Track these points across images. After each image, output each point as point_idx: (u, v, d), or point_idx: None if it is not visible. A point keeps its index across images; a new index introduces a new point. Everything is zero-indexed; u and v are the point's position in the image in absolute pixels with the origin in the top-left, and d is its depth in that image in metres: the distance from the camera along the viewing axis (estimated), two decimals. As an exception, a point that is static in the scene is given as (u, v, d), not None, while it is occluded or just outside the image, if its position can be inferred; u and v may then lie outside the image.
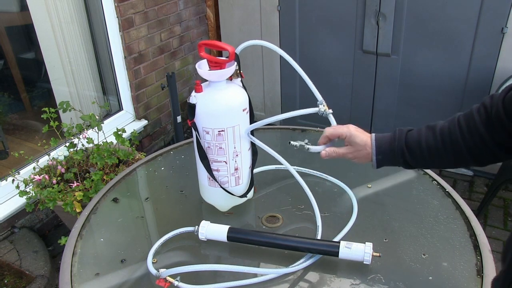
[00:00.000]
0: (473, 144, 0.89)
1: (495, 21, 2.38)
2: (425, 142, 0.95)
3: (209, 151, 1.15)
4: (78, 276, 1.06)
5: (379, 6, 2.63)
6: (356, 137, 1.03)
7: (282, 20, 3.04)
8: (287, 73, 3.19)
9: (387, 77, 2.84)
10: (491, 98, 0.87)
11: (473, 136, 0.88)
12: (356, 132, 1.04)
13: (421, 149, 0.96)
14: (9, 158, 2.66)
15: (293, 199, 1.30)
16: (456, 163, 0.95)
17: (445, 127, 0.94)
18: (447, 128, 0.93)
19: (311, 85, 1.14)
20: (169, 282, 0.98)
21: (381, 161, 1.02)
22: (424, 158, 0.97)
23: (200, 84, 1.10)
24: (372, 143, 1.02)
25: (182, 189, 1.39)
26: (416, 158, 0.97)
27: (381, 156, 1.01)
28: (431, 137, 0.95)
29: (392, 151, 1.00)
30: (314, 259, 1.06)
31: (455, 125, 0.92)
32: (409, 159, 0.98)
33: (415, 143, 0.97)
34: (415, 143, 0.97)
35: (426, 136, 0.95)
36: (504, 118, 0.82)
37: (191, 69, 3.48)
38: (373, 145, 1.02)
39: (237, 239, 1.11)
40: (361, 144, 1.03)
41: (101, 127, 2.20)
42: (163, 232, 1.15)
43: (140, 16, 2.85)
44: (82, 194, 1.98)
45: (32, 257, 2.15)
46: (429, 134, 0.95)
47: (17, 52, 2.96)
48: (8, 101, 2.95)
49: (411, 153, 0.97)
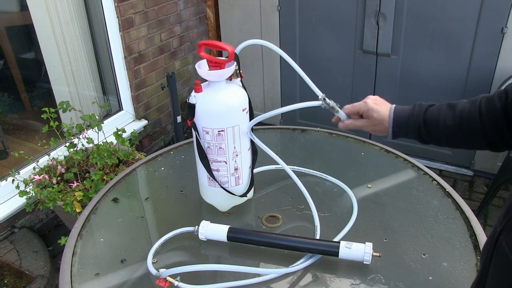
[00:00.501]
0: (490, 129, 0.90)
1: (495, 21, 2.38)
2: (443, 122, 0.96)
3: (209, 151, 1.15)
4: (78, 276, 1.06)
5: (379, 6, 2.63)
6: (373, 111, 1.05)
7: (282, 20, 3.04)
8: (287, 73, 3.19)
9: (387, 77, 2.84)
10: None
11: (492, 122, 0.89)
12: (374, 105, 1.06)
13: (438, 128, 0.97)
14: (9, 158, 2.66)
15: (293, 199, 1.30)
16: (472, 146, 0.97)
17: (465, 109, 0.94)
18: (467, 111, 0.94)
19: (310, 84, 1.13)
20: (169, 282, 0.98)
21: (396, 133, 1.05)
22: (439, 137, 0.98)
23: (200, 84, 1.10)
24: (390, 115, 1.04)
25: (182, 189, 1.39)
26: (431, 135, 0.99)
27: (397, 129, 1.04)
28: (450, 117, 0.96)
29: (407, 127, 1.02)
30: (314, 259, 1.06)
31: (476, 108, 0.93)
32: (424, 135, 1.00)
33: (433, 121, 0.98)
34: (433, 121, 0.98)
35: (445, 115, 0.96)
36: None
37: (191, 69, 3.48)
38: (390, 118, 1.04)
39: (237, 239, 1.11)
40: (378, 119, 1.05)
41: (101, 127, 2.20)
42: (163, 232, 1.15)
43: (140, 16, 2.85)
44: (82, 194, 1.98)
45: (32, 257, 2.14)
46: (449, 114, 0.96)
47: (17, 52, 2.96)
48: (8, 101, 2.95)
49: (427, 130, 0.99)
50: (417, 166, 1.43)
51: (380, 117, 1.05)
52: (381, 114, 1.05)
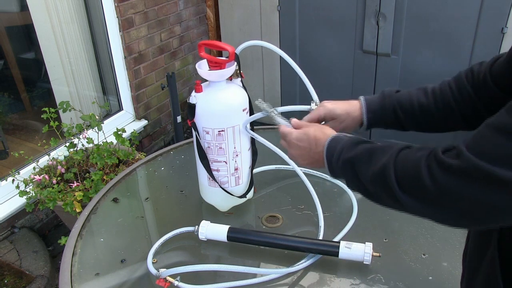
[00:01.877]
0: (464, 105, 0.89)
1: (495, 21, 2.38)
2: (417, 100, 0.94)
3: (209, 151, 1.15)
4: (78, 276, 1.06)
5: (379, 6, 2.63)
6: (334, 109, 1.00)
7: (282, 20, 3.04)
8: (287, 73, 3.19)
9: (387, 77, 2.84)
10: (480, 65, 0.87)
11: (464, 98, 0.88)
12: (333, 105, 1.01)
13: (413, 106, 0.94)
14: (9, 158, 2.66)
15: (293, 199, 1.30)
16: (449, 125, 0.93)
17: (436, 88, 0.93)
18: (439, 89, 0.92)
19: (308, 85, 1.13)
20: (169, 282, 0.98)
21: (371, 120, 0.98)
22: (416, 117, 0.94)
23: (200, 84, 1.10)
24: (362, 102, 0.99)
25: (182, 189, 1.39)
26: (409, 116, 0.95)
27: (371, 115, 0.98)
28: (422, 96, 0.94)
29: (383, 109, 0.97)
30: (314, 259, 1.06)
31: (446, 86, 0.91)
32: (402, 117, 0.95)
33: (407, 100, 0.95)
34: (406, 100, 0.95)
35: (418, 95, 0.94)
36: (492, 85, 0.82)
37: (191, 69, 3.48)
38: (362, 104, 0.99)
39: (237, 239, 1.11)
40: (342, 113, 0.99)
41: (101, 127, 2.20)
42: (163, 232, 1.15)
43: (140, 16, 2.85)
44: (82, 194, 1.98)
45: (32, 257, 2.14)
46: (420, 94, 0.94)
47: (17, 52, 2.96)
48: (8, 101, 2.95)
49: (403, 111, 0.95)
50: (417, 166, 1.42)
51: (343, 111, 0.99)
52: (344, 108, 0.99)
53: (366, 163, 0.74)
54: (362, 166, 0.75)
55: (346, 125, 1.00)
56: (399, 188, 0.66)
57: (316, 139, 0.87)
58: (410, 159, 0.66)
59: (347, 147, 0.80)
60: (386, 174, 0.68)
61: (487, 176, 0.56)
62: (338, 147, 0.81)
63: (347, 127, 1.01)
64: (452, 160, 0.60)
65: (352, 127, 1.01)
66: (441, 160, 0.61)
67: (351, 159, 0.77)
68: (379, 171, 0.70)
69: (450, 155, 0.61)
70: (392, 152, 0.70)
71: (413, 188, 0.65)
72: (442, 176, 0.60)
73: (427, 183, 0.62)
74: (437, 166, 0.61)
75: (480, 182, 0.57)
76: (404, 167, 0.66)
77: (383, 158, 0.70)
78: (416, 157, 0.65)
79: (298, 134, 0.92)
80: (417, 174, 0.63)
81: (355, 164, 0.76)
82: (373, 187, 0.73)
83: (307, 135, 0.89)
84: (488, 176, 0.56)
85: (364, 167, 0.74)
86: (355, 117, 0.99)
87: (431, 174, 0.61)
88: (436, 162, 0.62)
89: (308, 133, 0.90)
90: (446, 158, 0.61)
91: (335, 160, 0.81)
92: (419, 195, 0.64)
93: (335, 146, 0.82)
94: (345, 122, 1.00)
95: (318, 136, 0.87)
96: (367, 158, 0.74)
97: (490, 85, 0.83)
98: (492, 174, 0.55)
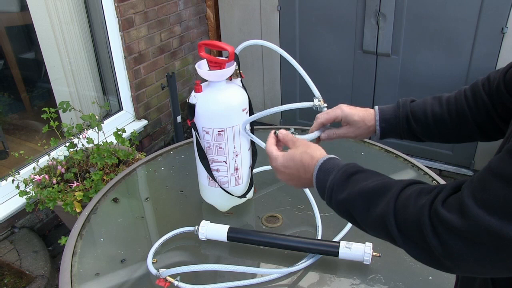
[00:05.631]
0: (478, 114, 0.88)
1: (495, 21, 2.38)
2: (430, 110, 0.93)
3: (209, 151, 1.15)
4: (78, 276, 1.06)
5: (379, 6, 2.63)
6: (352, 115, 1.00)
7: (282, 20, 3.04)
8: (287, 73, 3.19)
9: (387, 77, 2.84)
10: (497, 72, 0.86)
11: (479, 106, 0.88)
12: (350, 110, 1.01)
13: (427, 116, 0.93)
14: (9, 158, 2.66)
15: (293, 199, 1.30)
16: (463, 134, 0.93)
17: (451, 97, 0.93)
18: (454, 98, 0.92)
19: (309, 81, 1.12)
20: (169, 282, 0.99)
21: (385, 129, 0.98)
22: (430, 127, 0.94)
23: (200, 84, 1.10)
24: (376, 112, 0.99)
25: (182, 189, 1.39)
26: (422, 126, 0.94)
27: (384, 124, 0.98)
28: (437, 105, 0.93)
29: (396, 118, 0.97)
30: (314, 259, 1.06)
31: (461, 95, 0.91)
32: (415, 126, 0.95)
33: (421, 110, 0.95)
34: (420, 110, 0.95)
35: (432, 104, 0.94)
36: (504, 92, 0.81)
37: (191, 69, 3.48)
38: (376, 113, 0.99)
39: (237, 239, 1.11)
40: (359, 121, 0.99)
41: (101, 127, 2.20)
42: (163, 232, 1.15)
43: (140, 16, 2.85)
44: (82, 194, 1.98)
45: (32, 257, 2.15)
46: (435, 103, 0.94)
47: (17, 52, 2.96)
48: (8, 101, 2.95)
49: (416, 120, 0.95)
50: (417, 166, 1.43)
51: (360, 118, 0.99)
52: (361, 115, 1.00)
53: (362, 210, 0.70)
54: (358, 211, 0.71)
55: (360, 133, 1.01)
56: (404, 241, 0.63)
57: (304, 165, 0.82)
58: (411, 212, 0.62)
59: (338, 184, 0.75)
60: (387, 224, 0.65)
61: (497, 237, 0.51)
62: (329, 183, 0.76)
63: (361, 135, 1.02)
64: (457, 219, 0.55)
65: (365, 135, 1.02)
66: (445, 220, 0.56)
67: (344, 203, 0.73)
68: (379, 220, 0.66)
69: (453, 208, 0.56)
70: (389, 198, 0.66)
71: (417, 243, 0.61)
72: (448, 237, 0.56)
73: (433, 243, 0.58)
74: (441, 226, 0.57)
75: (489, 244, 0.53)
76: (406, 220, 0.62)
77: (380, 203, 0.67)
78: (417, 209, 0.61)
79: (284, 161, 0.86)
80: (421, 231, 0.59)
81: (350, 209, 0.72)
82: (374, 232, 0.71)
83: (294, 161, 0.84)
84: (498, 238, 0.51)
85: (361, 214, 0.70)
86: (369, 126, 0.99)
87: (436, 234, 0.58)
88: (439, 221, 0.57)
89: (294, 158, 0.84)
90: (450, 216, 0.56)
91: (327, 199, 0.77)
92: (425, 249, 0.60)
93: (325, 179, 0.77)
94: (360, 129, 1.00)
95: (305, 161, 0.82)
96: (362, 204, 0.70)
97: (503, 93, 0.82)
98: (503, 235, 0.51)
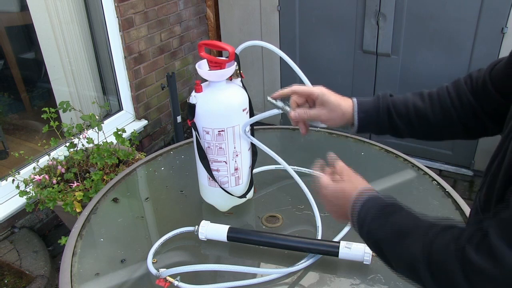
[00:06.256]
0: (463, 112, 0.86)
1: (495, 21, 2.38)
2: (412, 104, 0.89)
3: (209, 151, 1.15)
4: (78, 276, 1.06)
5: (379, 6, 2.63)
6: (329, 95, 0.94)
7: (282, 20, 3.04)
8: (287, 73, 3.19)
9: (387, 77, 2.84)
10: (479, 71, 0.86)
11: (464, 105, 0.86)
12: (329, 92, 0.95)
13: (408, 110, 0.89)
14: (9, 158, 2.66)
15: (293, 199, 1.30)
16: (445, 132, 0.90)
17: (433, 93, 0.90)
18: (436, 94, 0.89)
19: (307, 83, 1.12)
20: (169, 282, 0.99)
21: (363, 120, 0.92)
22: (411, 121, 0.89)
23: (200, 84, 1.10)
24: (354, 102, 0.93)
25: (182, 189, 1.39)
26: (403, 119, 0.90)
27: (363, 115, 0.92)
28: (418, 100, 0.90)
29: (376, 110, 0.91)
30: (314, 259, 1.06)
31: (445, 92, 0.89)
32: (396, 119, 0.90)
33: (402, 104, 0.90)
34: (401, 104, 0.90)
35: (413, 98, 0.90)
36: (491, 89, 0.81)
37: (191, 69, 3.48)
38: (354, 104, 0.93)
39: (237, 239, 1.11)
40: (334, 104, 0.93)
41: (101, 127, 2.20)
42: (163, 232, 1.15)
43: (140, 16, 2.85)
44: (82, 194, 1.98)
45: (32, 257, 2.14)
46: (416, 98, 0.90)
47: (17, 52, 2.96)
48: (8, 101, 2.95)
49: (397, 113, 0.90)
50: (417, 166, 1.43)
51: (336, 101, 0.93)
52: (338, 99, 0.93)
53: (394, 247, 0.71)
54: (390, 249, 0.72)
55: (333, 117, 0.94)
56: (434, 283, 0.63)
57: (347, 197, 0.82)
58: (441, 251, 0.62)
59: (376, 226, 0.74)
60: (416, 268, 0.65)
61: None
62: (367, 221, 0.76)
63: (334, 120, 0.95)
64: (486, 263, 0.55)
65: (338, 122, 0.95)
66: (476, 264, 0.56)
67: (380, 242, 0.74)
68: (409, 262, 0.67)
69: (483, 251, 0.56)
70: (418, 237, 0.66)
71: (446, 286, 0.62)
72: (478, 282, 0.57)
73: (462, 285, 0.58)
74: (471, 270, 0.57)
75: None
76: (438, 262, 0.62)
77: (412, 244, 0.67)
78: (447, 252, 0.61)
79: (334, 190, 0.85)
80: (451, 274, 0.59)
81: (384, 248, 0.73)
82: (401, 270, 0.71)
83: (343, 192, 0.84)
84: None
85: (393, 253, 0.72)
86: (345, 113, 0.93)
87: (466, 277, 0.58)
88: (469, 264, 0.57)
89: (345, 190, 0.84)
90: (480, 260, 0.56)
91: (365, 236, 0.78)
92: None
93: (364, 218, 0.76)
94: (334, 113, 0.94)
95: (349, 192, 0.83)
96: (395, 240, 0.71)
97: (490, 91, 0.81)
98: None
